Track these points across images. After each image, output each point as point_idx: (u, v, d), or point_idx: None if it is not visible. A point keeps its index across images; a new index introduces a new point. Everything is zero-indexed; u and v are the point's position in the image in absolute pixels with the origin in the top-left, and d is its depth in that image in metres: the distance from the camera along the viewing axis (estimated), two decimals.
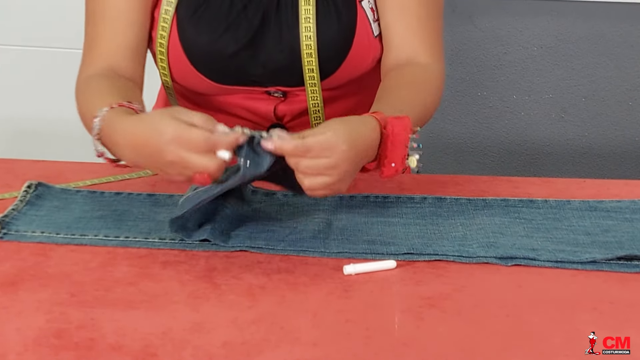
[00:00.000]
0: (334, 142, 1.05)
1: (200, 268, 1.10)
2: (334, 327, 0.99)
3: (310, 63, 1.31)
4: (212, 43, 1.32)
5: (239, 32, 1.32)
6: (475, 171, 2.33)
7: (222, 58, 1.32)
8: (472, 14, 2.22)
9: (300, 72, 1.33)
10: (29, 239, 1.16)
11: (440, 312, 1.02)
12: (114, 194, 1.27)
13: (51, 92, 2.35)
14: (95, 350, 0.94)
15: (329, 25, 1.32)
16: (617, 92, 2.26)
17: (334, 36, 1.32)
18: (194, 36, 1.32)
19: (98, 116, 1.14)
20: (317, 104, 1.36)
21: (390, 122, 1.13)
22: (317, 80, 1.33)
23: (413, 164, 1.15)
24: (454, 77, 2.27)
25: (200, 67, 1.33)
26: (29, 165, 1.38)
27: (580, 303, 1.04)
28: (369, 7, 1.35)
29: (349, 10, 1.33)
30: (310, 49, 1.31)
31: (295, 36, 1.32)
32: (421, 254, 1.13)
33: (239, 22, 1.32)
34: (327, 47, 1.32)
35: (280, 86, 1.37)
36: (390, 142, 1.13)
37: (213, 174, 1.04)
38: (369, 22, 1.34)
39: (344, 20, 1.32)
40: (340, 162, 1.06)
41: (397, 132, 1.13)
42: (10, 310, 1.01)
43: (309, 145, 1.04)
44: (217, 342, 0.95)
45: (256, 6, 1.33)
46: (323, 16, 1.32)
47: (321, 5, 1.32)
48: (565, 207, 1.26)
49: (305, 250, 1.14)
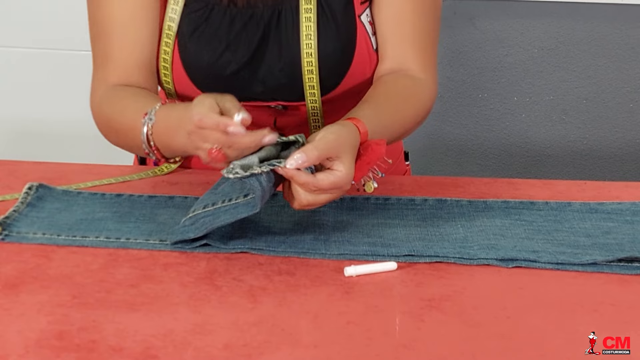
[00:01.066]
0: (343, 182, 1.10)
1: (201, 270, 1.10)
2: (334, 328, 0.99)
3: (311, 80, 1.32)
4: (212, 63, 1.32)
5: (238, 51, 1.32)
6: (475, 173, 2.33)
7: (222, 77, 1.33)
8: (473, 16, 2.22)
9: (300, 88, 1.33)
10: (30, 241, 1.16)
11: (441, 314, 1.02)
12: (115, 196, 1.27)
13: (52, 94, 2.35)
14: (97, 352, 0.94)
15: (330, 41, 1.31)
16: (618, 94, 2.26)
17: (334, 52, 1.32)
18: (194, 55, 1.32)
19: (150, 112, 1.20)
20: (317, 117, 1.36)
21: (366, 145, 1.15)
22: (318, 96, 1.33)
23: (369, 189, 1.18)
24: (455, 79, 2.27)
25: (200, 85, 1.34)
26: (30, 167, 1.38)
27: (581, 305, 1.04)
28: (368, 20, 1.34)
29: (349, 25, 1.33)
30: (311, 66, 1.31)
31: (296, 53, 1.31)
32: (422, 256, 1.13)
33: (239, 40, 1.32)
34: (328, 63, 1.32)
35: (281, 101, 1.37)
36: (360, 163, 1.15)
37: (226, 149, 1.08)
38: (369, 36, 1.34)
39: (344, 36, 1.32)
40: (339, 196, 1.12)
41: (369, 158, 1.15)
42: (11, 312, 1.01)
43: (320, 185, 1.08)
44: (218, 344, 0.95)
45: (257, 24, 1.32)
46: (324, 32, 1.31)
47: (322, 21, 1.32)
48: (566, 209, 1.26)
49: (306, 252, 1.14)
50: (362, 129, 1.16)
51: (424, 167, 2.31)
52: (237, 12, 1.32)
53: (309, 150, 1.07)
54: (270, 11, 1.32)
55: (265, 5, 1.32)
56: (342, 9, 1.32)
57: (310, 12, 1.31)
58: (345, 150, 1.10)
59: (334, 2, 1.32)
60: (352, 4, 1.33)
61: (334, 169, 1.09)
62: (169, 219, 1.21)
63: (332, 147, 1.09)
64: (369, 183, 1.18)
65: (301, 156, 1.07)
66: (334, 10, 1.32)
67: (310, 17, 1.31)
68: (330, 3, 1.32)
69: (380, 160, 1.15)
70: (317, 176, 1.08)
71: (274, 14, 1.32)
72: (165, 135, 1.19)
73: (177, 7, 1.32)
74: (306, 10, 1.31)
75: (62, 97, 2.34)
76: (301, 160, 1.07)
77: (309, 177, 1.08)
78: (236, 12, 1.32)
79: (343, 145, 1.10)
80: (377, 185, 1.18)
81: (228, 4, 1.32)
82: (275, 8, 1.32)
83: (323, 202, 1.11)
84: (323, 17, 1.32)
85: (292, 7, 1.32)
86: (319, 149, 1.08)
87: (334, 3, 1.32)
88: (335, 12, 1.32)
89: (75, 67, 2.28)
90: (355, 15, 1.33)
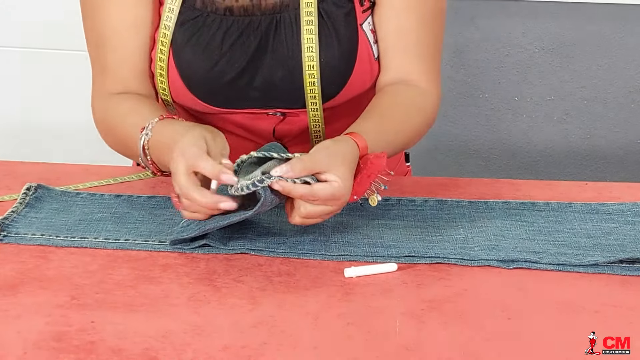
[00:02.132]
0: (341, 194, 1.10)
1: (200, 271, 1.10)
2: (334, 330, 0.99)
3: (313, 91, 1.31)
4: (208, 71, 1.31)
5: (234, 60, 1.31)
6: (476, 174, 2.33)
7: (218, 85, 1.32)
8: (473, 16, 2.22)
9: (300, 96, 1.32)
10: (28, 242, 1.15)
11: (441, 315, 1.01)
12: (114, 197, 1.27)
13: (52, 95, 2.35)
14: (96, 353, 0.93)
15: (331, 51, 1.30)
16: (619, 94, 2.26)
17: (336, 61, 1.31)
18: (189, 63, 1.32)
19: (148, 126, 1.21)
20: (318, 125, 1.36)
21: (365, 158, 1.16)
22: (319, 105, 1.33)
23: (373, 202, 1.19)
24: (456, 79, 2.26)
25: (196, 92, 1.33)
26: (28, 168, 1.38)
27: (583, 306, 1.04)
28: (369, 28, 1.34)
29: (351, 34, 1.32)
30: (313, 78, 1.30)
31: (296, 62, 1.30)
32: (422, 257, 1.13)
33: (235, 48, 1.31)
34: (330, 72, 1.31)
35: (279, 108, 1.36)
36: (360, 177, 1.15)
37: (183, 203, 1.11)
38: (370, 44, 1.34)
39: (346, 45, 1.31)
40: (339, 208, 1.12)
41: (369, 172, 1.15)
42: (9, 313, 1.01)
43: (317, 195, 1.09)
44: (218, 345, 0.95)
45: (253, 33, 1.31)
46: (325, 41, 1.30)
47: (322, 30, 1.31)
48: (567, 210, 1.25)
49: (306, 253, 1.14)
50: (362, 144, 1.16)
51: (425, 168, 2.31)
52: (234, 20, 1.31)
53: (293, 162, 1.09)
54: (268, 20, 1.31)
55: (263, 13, 1.31)
56: (344, 18, 1.31)
57: (312, 23, 1.30)
58: (336, 162, 1.11)
59: (334, 12, 1.31)
60: (354, 13, 1.32)
61: (330, 180, 1.10)
62: (168, 220, 1.21)
63: (318, 159, 1.10)
64: (373, 197, 1.18)
65: (285, 168, 1.08)
66: (334, 20, 1.31)
67: (312, 28, 1.30)
68: (331, 12, 1.31)
69: (382, 173, 1.15)
70: (314, 187, 1.09)
71: (272, 22, 1.31)
72: (158, 151, 1.21)
73: (172, 15, 1.31)
74: (307, 22, 1.30)
75: (61, 97, 2.33)
76: (284, 170, 1.08)
77: (305, 188, 1.09)
78: (232, 20, 1.31)
79: (333, 157, 1.11)
80: (380, 199, 1.18)
81: (224, 12, 1.31)
82: (274, 17, 1.31)
83: (321, 213, 1.11)
84: (324, 27, 1.30)
85: (291, 16, 1.31)
86: (303, 160, 1.10)
87: (335, 12, 1.31)
88: (336, 22, 1.31)
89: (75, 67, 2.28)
90: (357, 24, 1.32)
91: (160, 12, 1.32)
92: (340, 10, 1.31)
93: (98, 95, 1.35)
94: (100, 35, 1.33)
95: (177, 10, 1.31)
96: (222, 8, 1.31)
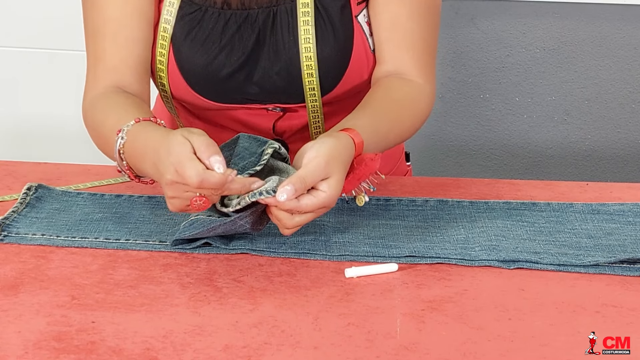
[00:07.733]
0: (328, 202, 1.08)
1: (201, 271, 1.10)
2: (335, 330, 0.99)
3: (311, 83, 1.31)
4: (207, 65, 1.31)
5: (233, 53, 1.31)
6: (477, 174, 2.32)
7: (217, 80, 1.32)
8: (474, 16, 2.22)
9: (299, 91, 1.32)
10: (29, 242, 1.15)
11: (442, 316, 1.01)
12: (115, 197, 1.27)
13: (52, 94, 2.34)
14: (96, 353, 0.93)
15: (327, 43, 1.31)
16: (620, 94, 2.26)
17: (332, 54, 1.31)
18: (189, 57, 1.31)
19: (123, 130, 1.16)
20: (318, 119, 1.36)
21: (360, 159, 1.15)
22: (319, 97, 1.33)
23: (360, 202, 1.18)
24: (456, 80, 2.26)
25: (196, 87, 1.33)
26: (29, 168, 1.38)
27: (583, 307, 1.04)
28: (365, 20, 1.34)
29: (346, 26, 1.32)
30: (311, 69, 1.30)
31: (293, 55, 1.30)
32: (423, 257, 1.13)
33: (233, 42, 1.31)
34: (326, 65, 1.31)
35: (278, 104, 1.36)
36: (352, 176, 1.14)
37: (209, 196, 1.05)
38: (366, 36, 1.33)
39: (342, 37, 1.31)
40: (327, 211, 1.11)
41: (361, 173, 1.14)
42: (10, 313, 1.01)
43: (304, 209, 1.07)
44: (218, 346, 0.95)
45: (251, 26, 1.31)
46: (321, 34, 1.31)
47: (319, 23, 1.31)
48: (568, 210, 1.25)
49: (306, 253, 1.14)
50: (357, 140, 1.15)
51: (425, 168, 2.31)
52: (231, 13, 1.31)
53: (296, 183, 1.06)
54: (265, 13, 1.31)
55: (260, 6, 1.31)
56: (339, 10, 1.32)
57: (308, 15, 1.30)
58: (334, 170, 1.09)
59: (330, 4, 1.31)
60: (349, 5, 1.32)
61: (319, 189, 1.08)
62: (169, 220, 1.21)
63: (317, 173, 1.07)
64: (360, 196, 1.17)
65: (290, 189, 1.05)
66: (330, 13, 1.31)
67: (309, 21, 1.30)
68: (327, 5, 1.31)
69: (373, 174, 1.15)
70: (301, 201, 1.07)
71: (269, 15, 1.31)
72: (133, 157, 1.16)
73: (173, 9, 1.31)
74: (304, 13, 1.30)
75: (61, 97, 2.33)
76: (291, 193, 1.05)
77: (292, 203, 1.06)
78: (230, 13, 1.31)
79: (333, 165, 1.09)
80: (367, 199, 1.17)
81: (222, 5, 1.32)
82: (270, 10, 1.31)
83: (309, 220, 1.10)
84: (320, 20, 1.31)
85: (288, 8, 1.31)
86: (307, 180, 1.07)
87: (330, 5, 1.31)
88: (332, 15, 1.31)
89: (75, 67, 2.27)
90: (352, 16, 1.33)
91: (160, 8, 1.32)
92: (335, 2, 1.31)
93: (88, 90, 1.33)
94: (96, 24, 1.32)
95: (177, 4, 1.31)
96: (220, 2, 1.31)
